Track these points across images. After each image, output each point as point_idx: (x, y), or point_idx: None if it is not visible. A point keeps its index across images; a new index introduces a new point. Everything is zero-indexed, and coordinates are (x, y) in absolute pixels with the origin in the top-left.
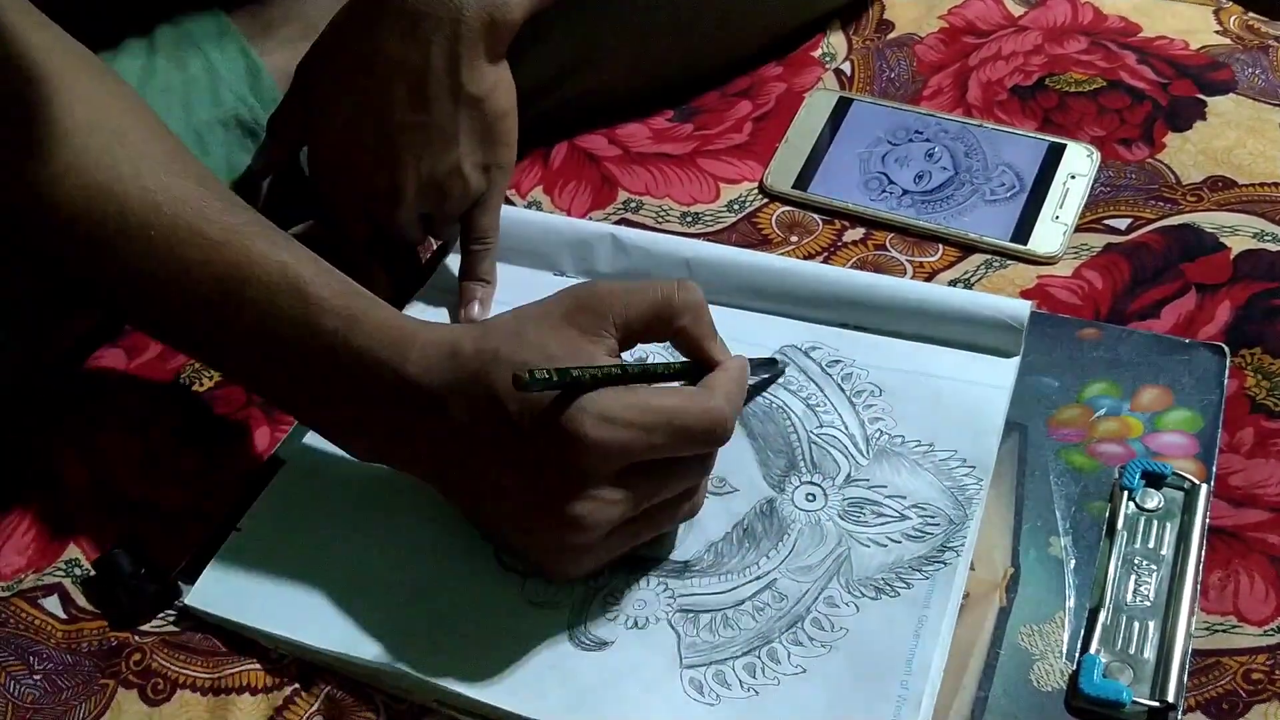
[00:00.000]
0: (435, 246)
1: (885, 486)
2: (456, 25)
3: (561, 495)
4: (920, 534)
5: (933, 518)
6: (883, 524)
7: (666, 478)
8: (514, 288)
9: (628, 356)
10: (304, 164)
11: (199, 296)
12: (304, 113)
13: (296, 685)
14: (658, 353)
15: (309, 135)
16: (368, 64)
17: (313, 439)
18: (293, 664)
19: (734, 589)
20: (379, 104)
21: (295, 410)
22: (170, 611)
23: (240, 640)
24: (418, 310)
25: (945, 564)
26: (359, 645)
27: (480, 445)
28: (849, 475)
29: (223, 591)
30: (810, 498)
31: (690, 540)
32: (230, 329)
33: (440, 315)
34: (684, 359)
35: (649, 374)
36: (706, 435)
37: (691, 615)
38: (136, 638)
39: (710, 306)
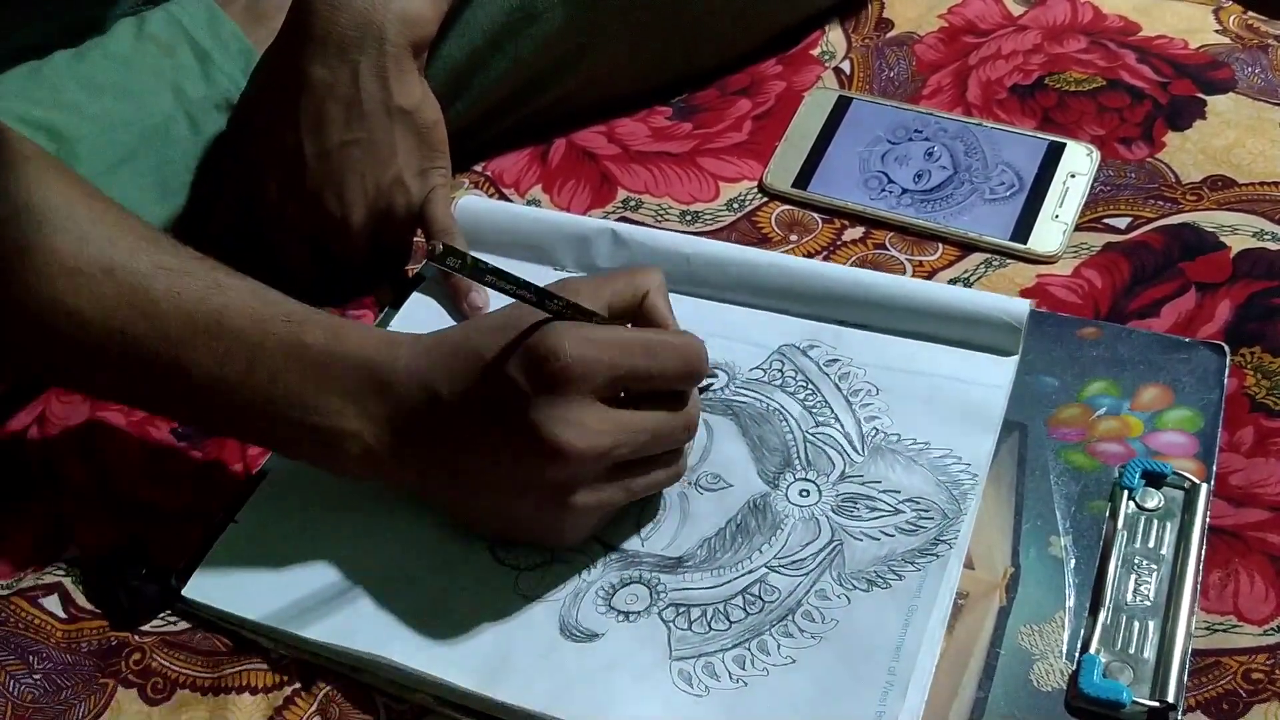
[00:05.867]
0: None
1: (880, 482)
2: (381, 45)
3: (545, 424)
4: (914, 527)
5: (926, 511)
6: (876, 518)
7: (647, 416)
8: None
9: None
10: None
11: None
12: (244, 157)
13: (296, 685)
14: None
15: (253, 177)
16: (299, 92)
17: None
18: (293, 664)
19: (726, 583)
20: (316, 127)
21: (274, 432)
22: (170, 612)
23: (240, 640)
24: (414, 314)
25: (937, 555)
26: (351, 636)
27: (467, 417)
28: (843, 472)
29: (219, 583)
30: (804, 493)
31: (684, 537)
32: (212, 360)
33: (439, 313)
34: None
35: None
36: (685, 364)
37: (683, 609)
38: (136, 637)
39: (710, 302)
